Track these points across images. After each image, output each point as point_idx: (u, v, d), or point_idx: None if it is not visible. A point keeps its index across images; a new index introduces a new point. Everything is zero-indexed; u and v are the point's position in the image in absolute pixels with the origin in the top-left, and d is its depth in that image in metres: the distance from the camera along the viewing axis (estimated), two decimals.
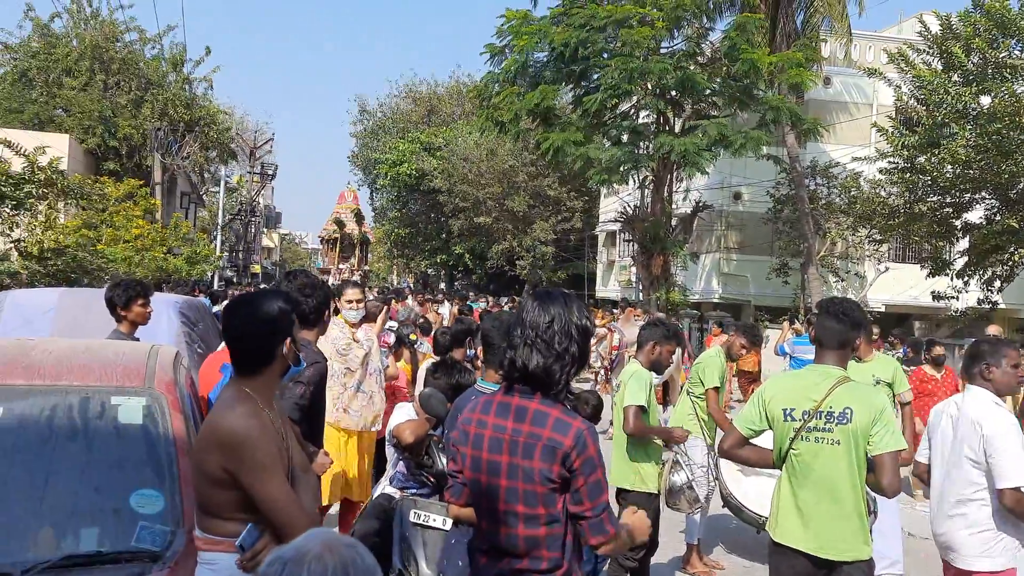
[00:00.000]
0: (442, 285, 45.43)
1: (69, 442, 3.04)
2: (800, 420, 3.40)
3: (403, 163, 39.10)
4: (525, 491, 2.31)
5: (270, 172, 42.19)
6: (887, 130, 16.78)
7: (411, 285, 45.07)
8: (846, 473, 3.32)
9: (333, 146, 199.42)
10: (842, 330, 3.48)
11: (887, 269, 21.72)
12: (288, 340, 2.69)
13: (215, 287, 24.54)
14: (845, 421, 3.30)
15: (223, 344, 5.49)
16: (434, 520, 3.87)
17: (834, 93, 24.03)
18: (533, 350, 2.34)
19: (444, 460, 4.02)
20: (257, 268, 49.63)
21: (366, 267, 41.90)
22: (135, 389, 3.31)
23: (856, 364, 5.21)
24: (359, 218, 39.84)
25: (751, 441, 3.66)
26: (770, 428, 3.55)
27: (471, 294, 25.16)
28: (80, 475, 2.96)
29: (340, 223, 38.64)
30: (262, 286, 27.47)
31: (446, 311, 16.19)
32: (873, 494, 3.65)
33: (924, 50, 16.20)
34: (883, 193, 18.31)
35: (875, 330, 8.41)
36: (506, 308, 13.27)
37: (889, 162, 17.20)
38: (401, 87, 48.32)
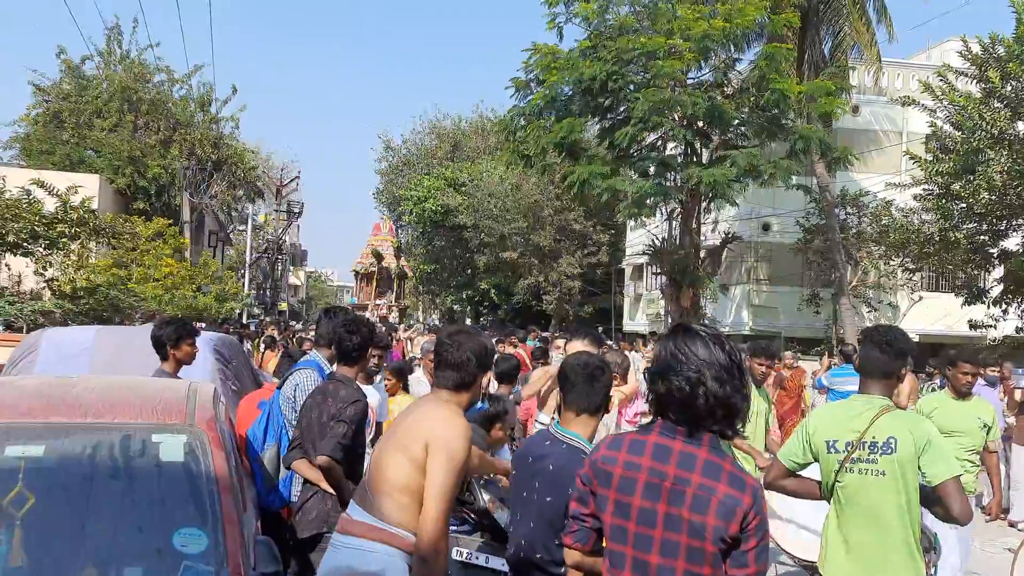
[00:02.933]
0: (467, 321, 45.41)
1: (111, 480, 2.99)
2: (844, 452, 3.33)
3: (428, 199, 39.32)
4: (690, 547, 2.11)
5: (296, 210, 42.64)
6: (920, 157, 16.59)
7: (436, 320, 45.08)
8: (893, 505, 3.23)
9: (358, 183, 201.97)
10: (886, 360, 3.40)
11: (921, 298, 21.38)
12: (487, 375, 3.11)
13: (245, 323, 24.59)
14: (889, 451, 3.23)
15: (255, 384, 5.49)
16: (477, 558, 3.76)
17: (863, 122, 23.90)
18: (720, 383, 2.15)
19: (485, 497, 3.92)
20: (284, 305, 50.02)
21: (404, 303, 39.47)
22: (176, 426, 3.25)
23: (958, 403, 5.27)
24: (397, 251, 37.73)
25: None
26: (815, 461, 3.48)
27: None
28: (122, 514, 2.91)
29: (378, 255, 36.45)
30: (291, 323, 27.58)
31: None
32: (934, 530, 3.55)
33: (962, 73, 16.04)
34: (916, 221, 18.06)
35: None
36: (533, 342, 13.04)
37: (923, 189, 16.99)
38: (425, 123, 48.83)
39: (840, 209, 21.07)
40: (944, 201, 16.30)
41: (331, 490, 4.11)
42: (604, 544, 2.29)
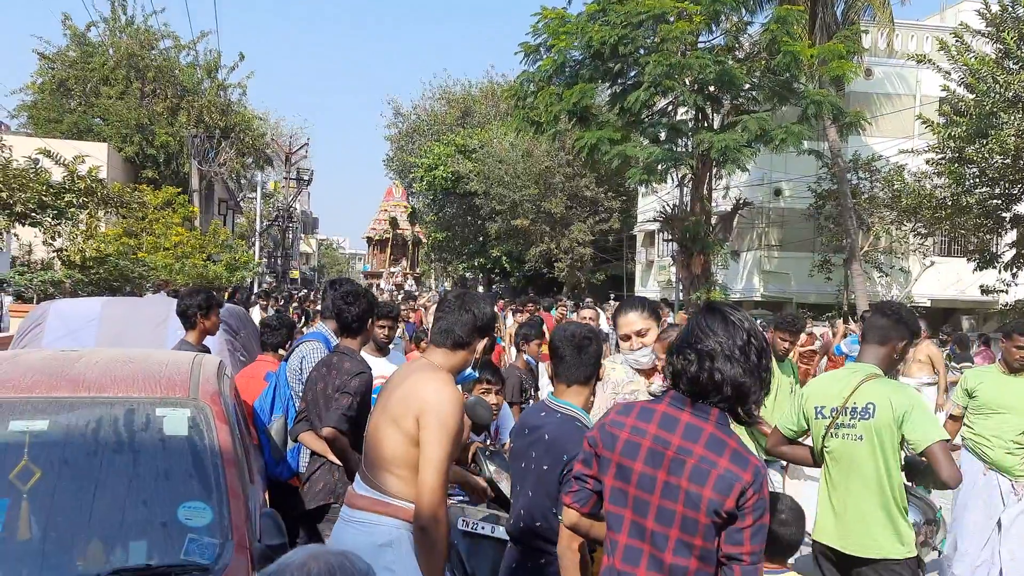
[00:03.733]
0: (479, 288, 45.46)
1: (115, 454, 3.01)
2: (829, 417, 3.43)
3: (438, 166, 39.12)
4: (684, 516, 2.14)
5: (306, 177, 42.52)
6: (932, 121, 16.35)
7: (448, 288, 45.09)
8: (871, 469, 3.31)
9: (368, 150, 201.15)
10: (884, 325, 3.49)
11: (932, 263, 21.20)
12: (483, 342, 3.07)
13: (255, 292, 24.68)
14: (867, 416, 3.30)
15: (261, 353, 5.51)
16: (483, 528, 3.79)
17: (876, 84, 23.54)
18: (731, 362, 2.17)
19: (491, 468, 3.93)
20: (296, 273, 50.15)
21: (419, 270, 38.47)
22: (180, 400, 3.27)
23: (1010, 378, 4.91)
24: (411, 216, 36.58)
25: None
26: (808, 428, 3.59)
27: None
28: (127, 488, 2.92)
29: (394, 222, 35.56)
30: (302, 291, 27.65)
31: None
32: (936, 504, 3.63)
33: (979, 33, 15.74)
34: (929, 186, 17.86)
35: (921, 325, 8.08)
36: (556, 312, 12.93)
37: (936, 153, 16.77)
38: (435, 88, 48.46)
39: (852, 174, 20.85)
40: (956, 165, 16.09)
41: (337, 461, 4.15)
42: (604, 506, 2.33)
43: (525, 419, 3.19)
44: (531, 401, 5.84)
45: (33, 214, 12.43)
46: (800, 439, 3.67)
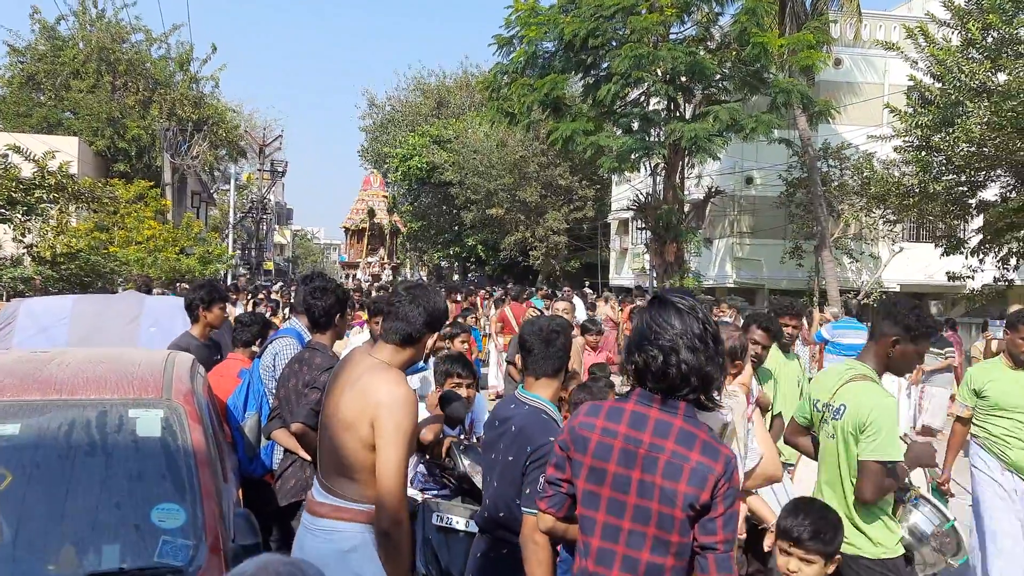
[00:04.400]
0: (455, 277, 45.44)
1: (88, 457, 3.00)
2: (820, 411, 3.47)
3: (413, 157, 39.00)
4: (660, 514, 2.13)
5: (280, 169, 42.20)
6: (900, 110, 16.59)
7: (423, 277, 45.07)
8: (835, 469, 3.33)
9: (343, 141, 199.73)
10: (877, 322, 3.45)
11: (901, 249, 21.53)
12: (434, 337, 3.01)
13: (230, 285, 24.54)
14: (838, 417, 3.32)
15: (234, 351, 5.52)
16: (457, 523, 3.84)
17: (845, 73, 23.79)
18: (693, 352, 2.18)
19: (465, 462, 3.99)
20: (270, 265, 49.82)
21: (396, 260, 37.21)
22: (152, 400, 3.27)
23: (1017, 373, 4.66)
24: (390, 206, 35.89)
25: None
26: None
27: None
28: (100, 490, 2.92)
29: (372, 212, 34.63)
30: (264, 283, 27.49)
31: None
32: (950, 514, 3.50)
33: (944, 23, 15.97)
34: (897, 173, 18.13)
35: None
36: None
37: (904, 141, 17.02)
38: (410, 79, 48.29)
39: (822, 162, 21.10)
40: (924, 153, 16.35)
41: (308, 458, 4.19)
42: (576, 509, 2.31)
43: (496, 411, 3.23)
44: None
45: (2, 210, 12.28)
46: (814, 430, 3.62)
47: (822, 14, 19.45)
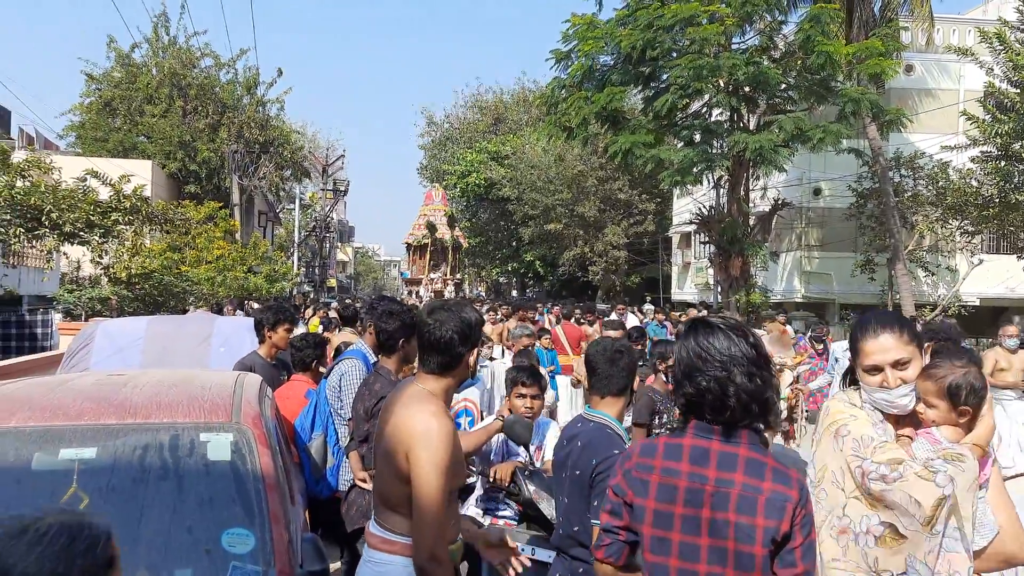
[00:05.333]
0: (514, 293, 45.49)
1: (161, 481, 3.03)
2: None
3: (471, 173, 39.29)
4: (739, 552, 1.99)
5: (342, 188, 43.01)
6: (977, 117, 15.98)
7: (482, 293, 45.22)
8: None
9: (403, 159, 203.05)
10: None
11: (981, 262, 20.68)
12: (475, 351, 2.87)
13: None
14: None
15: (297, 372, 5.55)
16: (524, 550, 3.76)
17: (917, 80, 23.08)
18: (750, 378, 2.06)
19: (530, 488, 3.91)
20: (333, 282, 50.70)
21: (459, 276, 36.42)
22: (222, 424, 3.30)
23: None
24: (451, 220, 34.81)
25: None
26: None
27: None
28: (172, 514, 2.94)
29: (432, 226, 33.68)
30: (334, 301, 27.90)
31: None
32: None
33: (1018, 28, 15.35)
34: (975, 183, 17.43)
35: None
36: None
37: (981, 151, 16.37)
38: (467, 97, 48.75)
39: (894, 172, 20.45)
40: (1003, 163, 15.70)
41: (365, 486, 4.19)
42: (643, 557, 2.17)
43: (565, 431, 3.24)
44: (665, 427, 5.38)
45: (81, 233, 12.74)
46: None
47: (892, 20, 18.89)
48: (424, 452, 2.58)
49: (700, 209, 19.82)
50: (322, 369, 5.55)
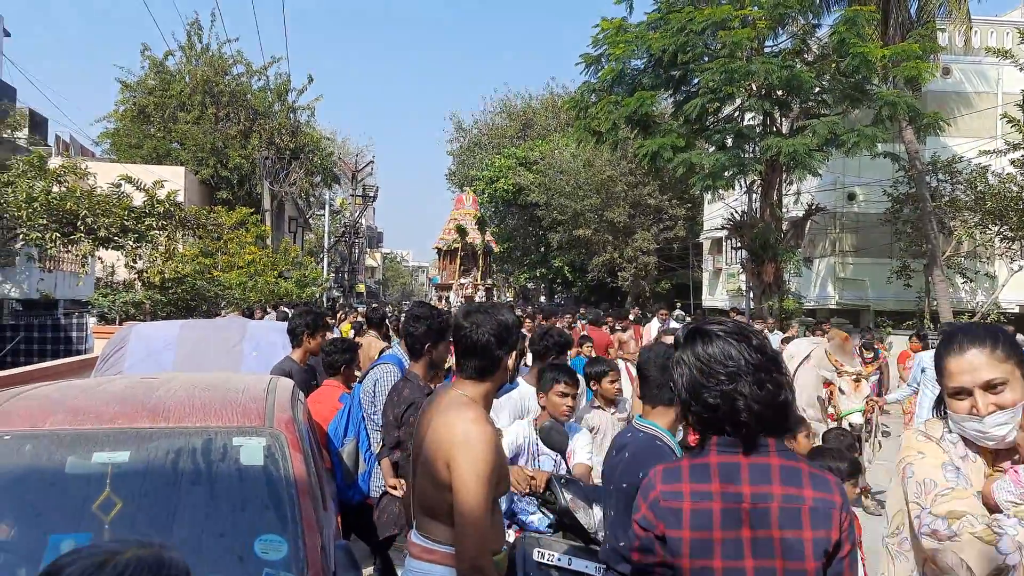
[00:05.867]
0: (542, 299, 45.39)
1: (193, 485, 3.00)
2: None
3: (499, 179, 39.30)
4: (788, 570, 1.83)
5: (371, 194, 43.27)
6: (1017, 120, 15.63)
7: (510, 299, 45.17)
8: None
9: (431, 164, 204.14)
10: None
11: (1021, 268, 20.21)
12: (513, 354, 2.82)
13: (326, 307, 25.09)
14: None
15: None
16: (560, 560, 3.69)
17: (954, 83, 22.66)
18: (764, 386, 1.91)
19: (567, 496, 3.83)
20: (362, 287, 50.97)
21: (489, 281, 35.35)
22: (255, 429, 3.26)
23: None
24: (481, 224, 34.12)
25: None
26: None
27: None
28: (205, 520, 2.91)
29: (462, 230, 33.17)
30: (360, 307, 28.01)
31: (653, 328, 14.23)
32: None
33: None
34: (1015, 187, 17.05)
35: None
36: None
37: (1022, 155, 16.01)
38: (496, 102, 48.86)
39: (931, 176, 20.06)
40: None
41: (396, 493, 4.15)
42: None
43: (615, 440, 3.15)
44: None
45: (115, 238, 12.89)
46: None
47: (929, 22, 18.55)
48: (465, 460, 2.52)
49: (732, 214, 19.59)
50: (357, 373, 5.51)
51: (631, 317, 16.56)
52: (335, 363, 5.39)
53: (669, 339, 7.35)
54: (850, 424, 6.97)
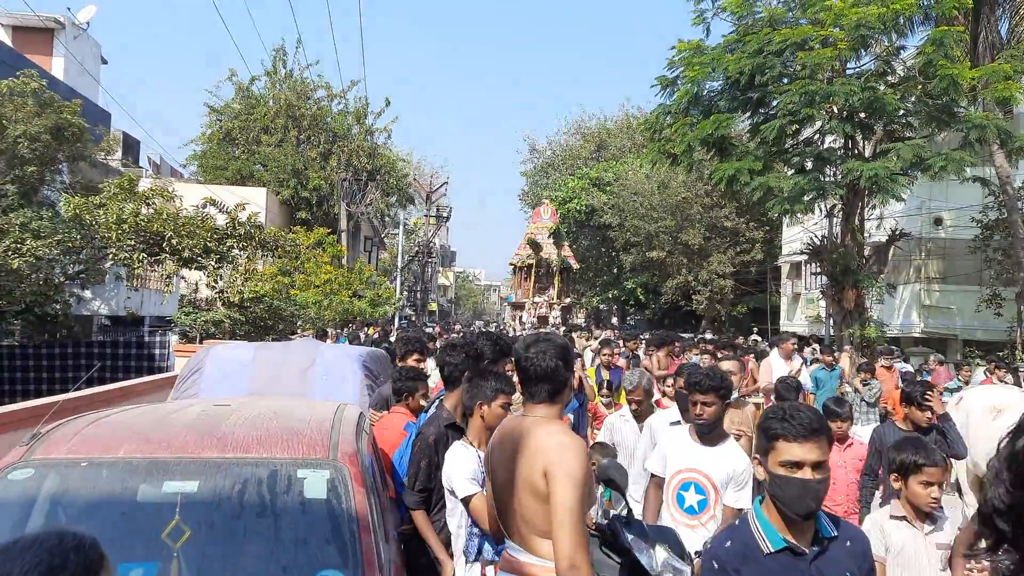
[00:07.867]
0: (614, 320, 45.01)
1: (259, 517, 3.05)
2: None
3: (572, 199, 39.29)
4: None
5: (445, 214, 43.79)
6: None
7: (582, 321, 44.92)
8: None
9: (504, 185, 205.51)
10: None
11: None
12: (577, 375, 3.02)
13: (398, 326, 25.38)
14: None
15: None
16: None
17: None
18: None
19: (629, 537, 3.73)
20: (434, 306, 51.50)
21: (568, 299, 32.96)
22: (319, 461, 3.30)
23: None
24: (558, 239, 32.01)
25: None
26: None
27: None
28: (269, 552, 2.95)
29: (536, 245, 31.13)
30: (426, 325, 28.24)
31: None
32: None
33: None
34: None
35: None
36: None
37: None
38: (570, 123, 48.93)
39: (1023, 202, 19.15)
40: None
41: (429, 537, 4.11)
42: None
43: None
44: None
45: (198, 258, 13.37)
46: None
47: (1021, 42, 17.78)
48: (560, 465, 2.66)
49: (812, 238, 19.07)
50: (423, 403, 5.52)
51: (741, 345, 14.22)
52: (400, 391, 5.42)
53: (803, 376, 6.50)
54: None
